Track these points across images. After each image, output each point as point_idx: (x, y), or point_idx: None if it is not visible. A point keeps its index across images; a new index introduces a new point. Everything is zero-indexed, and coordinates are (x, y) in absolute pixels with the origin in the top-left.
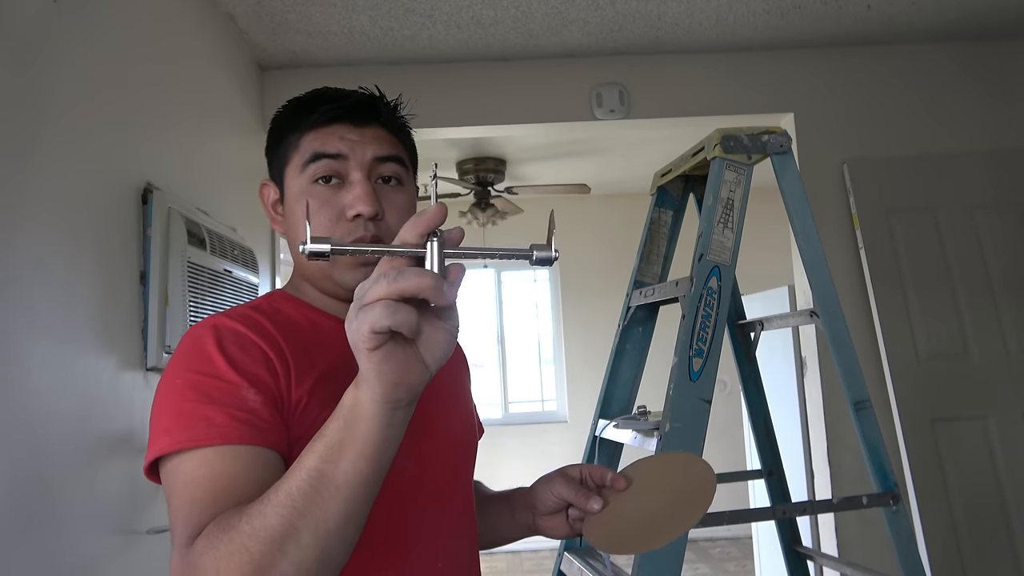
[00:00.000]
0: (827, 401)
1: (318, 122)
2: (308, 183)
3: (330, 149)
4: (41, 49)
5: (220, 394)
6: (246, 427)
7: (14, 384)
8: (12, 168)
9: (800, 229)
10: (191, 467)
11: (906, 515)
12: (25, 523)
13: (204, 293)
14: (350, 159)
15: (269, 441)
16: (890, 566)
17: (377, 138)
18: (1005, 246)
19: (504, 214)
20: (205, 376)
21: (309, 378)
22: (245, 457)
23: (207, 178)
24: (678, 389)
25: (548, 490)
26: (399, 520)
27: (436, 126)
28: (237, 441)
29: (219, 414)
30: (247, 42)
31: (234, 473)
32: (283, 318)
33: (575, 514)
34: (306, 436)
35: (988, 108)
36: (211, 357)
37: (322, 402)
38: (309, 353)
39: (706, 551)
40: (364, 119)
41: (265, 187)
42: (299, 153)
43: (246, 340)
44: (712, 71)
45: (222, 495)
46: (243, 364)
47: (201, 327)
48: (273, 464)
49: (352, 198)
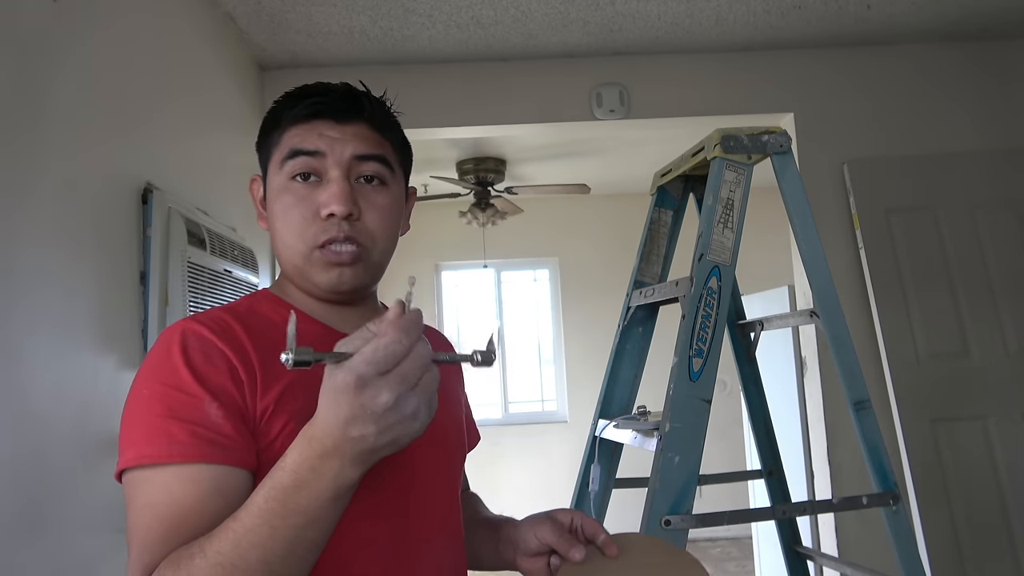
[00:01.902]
0: (827, 401)
1: (299, 117)
2: (286, 180)
3: (308, 146)
4: (41, 49)
5: (183, 408)
6: (207, 444)
7: (14, 384)
8: (12, 168)
9: (800, 229)
10: (151, 489)
11: (906, 515)
12: (25, 522)
13: (204, 293)
14: (328, 156)
15: (231, 458)
16: (890, 566)
17: (359, 135)
18: (1005, 246)
19: (504, 214)
20: (169, 388)
21: (277, 385)
22: (205, 482)
23: (207, 178)
24: (678, 389)
25: (533, 533)
26: (382, 529)
27: (436, 126)
28: (198, 460)
29: (181, 430)
30: (247, 42)
31: (190, 505)
32: (258, 319)
33: (556, 563)
34: (271, 448)
35: (988, 108)
36: (176, 367)
37: (289, 413)
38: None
39: (706, 551)
40: (347, 115)
41: (254, 182)
42: (279, 149)
43: (211, 348)
44: (712, 71)
45: (175, 530)
46: (207, 374)
47: (171, 332)
48: (235, 486)
49: (327, 196)
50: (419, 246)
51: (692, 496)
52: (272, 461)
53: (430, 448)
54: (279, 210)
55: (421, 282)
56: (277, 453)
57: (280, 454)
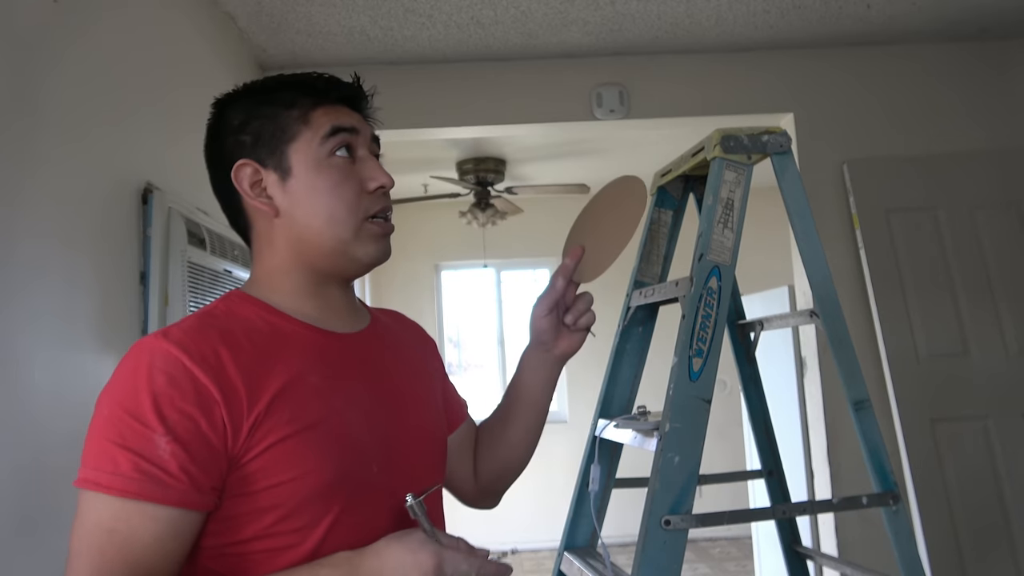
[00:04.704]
0: (827, 401)
1: (325, 100)
2: (327, 156)
3: (346, 123)
4: (40, 49)
5: (133, 438)
6: (147, 480)
7: (14, 384)
8: (12, 168)
9: (800, 229)
10: (105, 515)
11: (906, 515)
12: (26, 523)
13: (204, 293)
14: (360, 134)
15: (170, 497)
16: (890, 566)
17: (362, 121)
18: (1005, 246)
19: (504, 214)
20: (125, 414)
21: (266, 394)
22: (162, 522)
23: (207, 178)
24: (678, 389)
25: (538, 320)
26: (366, 527)
27: (436, 126)
28: (135, 496)
29: (126, 461)
30: (247, 42)
31: (148, 543)
32: (239, 324)
33: (570, 319)
34: (264, 456)
35: (988, 108)
36: (136, 392)
37: (282, 419)
38: (266, 363)
39: (706, 551)
40: (356, 105)
41: (242, 167)
42: (311, 128)
43: (180, 371)
44: (712, 71)
45: (133, 565)
46: (168, 403)
47: (140, 349)
48: (186, 529)
49: (372, 170)
50: (419, 246)
51: (692, 496)
52: (265, 467)
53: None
54: (327, 185)
55: (421, 282)
56: (270, 459)
57: (274, 461)
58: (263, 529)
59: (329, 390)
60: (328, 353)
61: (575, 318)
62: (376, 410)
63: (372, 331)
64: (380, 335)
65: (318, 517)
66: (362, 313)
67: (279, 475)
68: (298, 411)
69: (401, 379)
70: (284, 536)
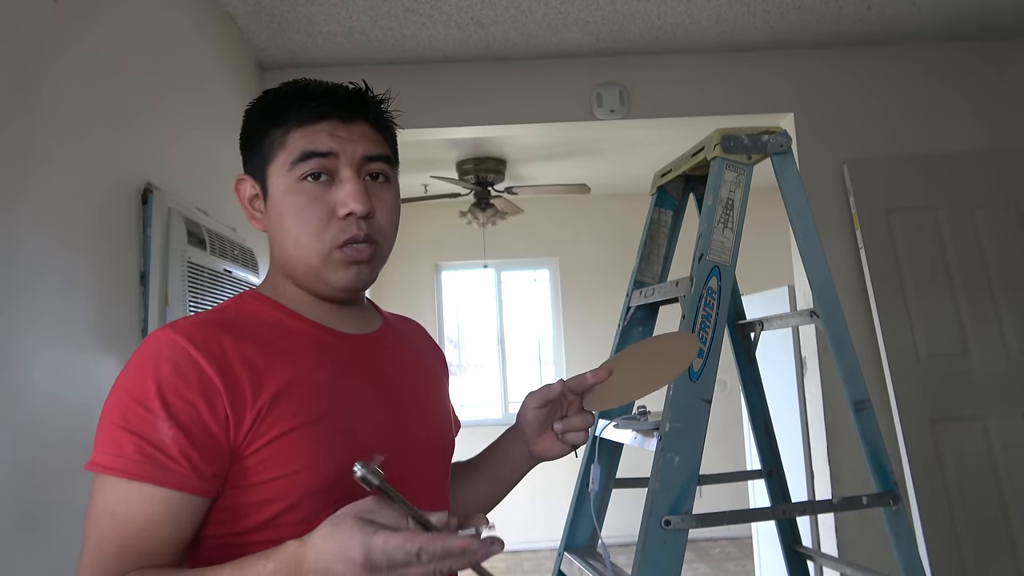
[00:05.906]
0: (827, 401)
1: (307, 118)
2: (296, 181)
3: (320, 147)
4: (41, 49)
5: (137, 421)
6: (150, 463)
7: (15, 384)
8: (12, 168)
9: (800, 229)
10: (112, 496)
11: (906, 515)
12: (26, 522)
13: (204, 293)
14: (340, 156)
15: (170, 480)
16: (890, 566)
17: (365, 136)
18: (1005, 246)
19: (504, 214)
20: (131, 399)
21: (271, 387)
22: (158, 503)
23: (207, 178)
24: (678, 389)
25: (525, 410)
26: None
27: (436, 126)
28: (137, 477)
29: (130, 444)
30: (247, 42)
31: (142, 524)
32: (248, 320)
33: (559, 427)
34: (267, 448)
35: (988, 108)
36: (143, 379)
37: (286, 412)
38: (272, 358)
39: (706, 551)
40: (352, 116)
41: (242, 182)
42: (286, 151)
43: (185, 361)
44: (712, 71)
45: (128, 548)
46: (172, 391)
47: (152, 338)
48: (185, 512)
49: (344, 196)
50: (419, 246)
51: (692, 496)
52: (268, 460)
53: (425, 444)
54: (290, 210)
55: (421, 282)
56: (274, 452)
57: (278, 453)
58: (264, 521)
59: (336, 387)
60: (336, 352)
61: (564, 430)
62: (381, 412)
63: (383, 334)
64: (391, 339)
65: (319, 511)
66: (373, 316)
67: (282, 468)
68: (303, 405)
69: (409, 384)
70: (285, 528)
